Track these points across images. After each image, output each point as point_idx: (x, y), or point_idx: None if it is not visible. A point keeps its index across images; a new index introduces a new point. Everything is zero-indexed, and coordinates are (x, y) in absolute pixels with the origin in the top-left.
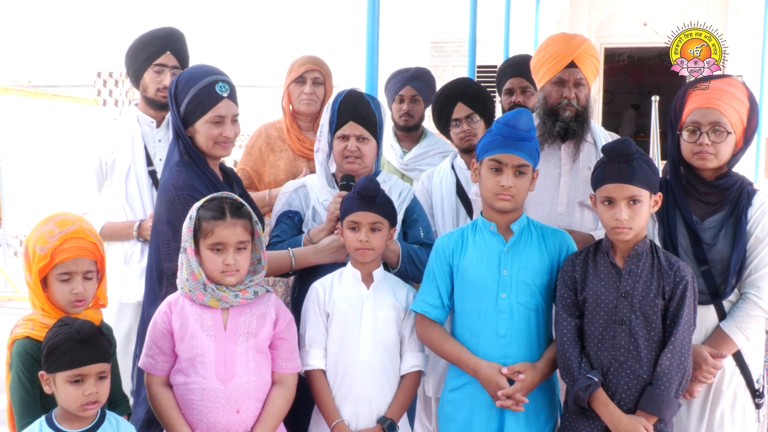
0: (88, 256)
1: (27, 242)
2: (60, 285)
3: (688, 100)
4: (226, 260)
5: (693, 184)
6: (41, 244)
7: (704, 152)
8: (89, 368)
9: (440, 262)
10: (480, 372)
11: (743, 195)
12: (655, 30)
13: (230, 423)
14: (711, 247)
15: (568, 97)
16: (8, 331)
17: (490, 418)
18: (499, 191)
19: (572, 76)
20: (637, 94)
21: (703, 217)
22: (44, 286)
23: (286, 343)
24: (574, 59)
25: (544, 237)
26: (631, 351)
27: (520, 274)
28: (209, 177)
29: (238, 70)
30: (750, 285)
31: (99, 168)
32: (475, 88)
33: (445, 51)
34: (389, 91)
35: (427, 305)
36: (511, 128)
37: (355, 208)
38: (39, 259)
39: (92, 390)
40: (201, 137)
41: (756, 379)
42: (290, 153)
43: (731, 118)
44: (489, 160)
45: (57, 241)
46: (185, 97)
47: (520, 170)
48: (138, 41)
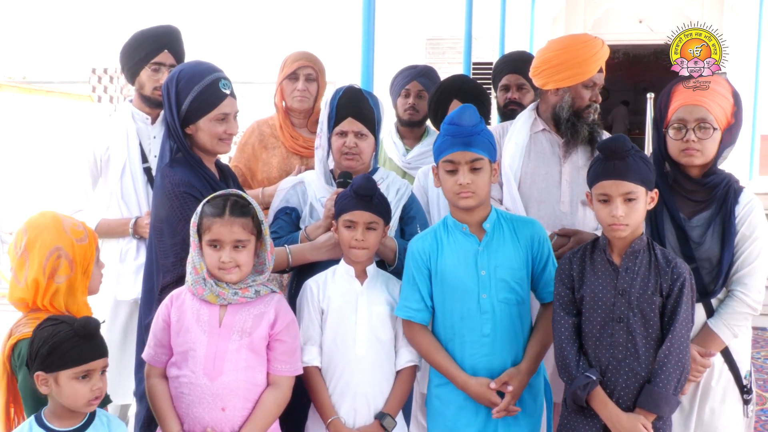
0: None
1: (59, 244)
2: (96, 268)
3: (673, 97)
4: (222, 257)
5: (680, 182)
6: (79, 236)
7: (691, 149)
8: (95, 363)
9: (418, 266)
10: (469, 389)
11: (730, 192)
12: (650, 27)
13: (215, 420)
14: (699, 245)
15: (597, 101)
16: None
17: (478, 412)
18: (459, 190)
19: (599, 80)
20: (632, 92)
21: (691, 215)
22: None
23: (284, 345)
24: (601, 65)
25: (516, 230)
26: (629, 349)
27: (498, 273)
28: (205, 174)
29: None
30: (737, 282)
31: (93, 164)
32: (471, 86)
33: (440, 48)
34: (395, 86)
35: (411, 310)
36: (457, 126)
37: (351, 207)
38: (87, 248)
39: (99, 385)
40: (204, 135)
41: (744, 375)
42: (283, 150)
43: (716, 115)
44: (443, 161)
45: (85, 228)
46: (188, 95)
47: (475, 165)
48: (135, 39)
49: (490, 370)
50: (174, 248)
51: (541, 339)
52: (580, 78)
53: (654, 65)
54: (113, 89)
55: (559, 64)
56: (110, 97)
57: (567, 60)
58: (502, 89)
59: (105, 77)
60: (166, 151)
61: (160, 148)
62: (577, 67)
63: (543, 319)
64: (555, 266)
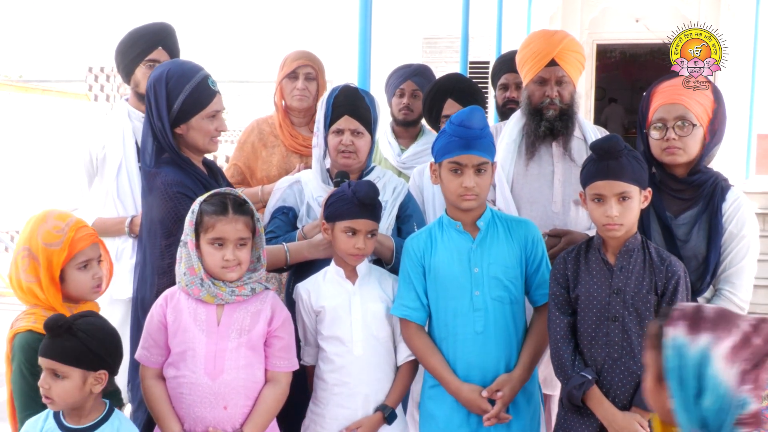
0: (97, 241)
1: (28, 244)
2: (80, 274)
3: (653, 98)
4: (225, 256)
5: (666, 182)
6: (51, 241)
7: (672, 147)
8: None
9: (413, 264)
10: (461, 395)
11: (717, 190)
12: (647, 26)
13: (217, 418)
14: (684, 243)
15: (551, 96)
16: (4, 326)
17: (471, 414)
18: (463, 192)
19: (554, 74)
20: (629, 91)
21: (677, 213)
22: (61, 281)
23: (281, 341)
24: (554, 57)
25: (510, 229)
26: (624, 348)
27: (490, 270)
28: (195, 173)
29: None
30: (725, 281)
31: (89, 163)
32: (466, 84)
33: (437, 47)
34: (390, 85)
35: (407, 309)
36: (466, 128)
37: (354, 215)
38: (56, 254)
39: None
40: (197, 133)
41: None
42: (283, 149)
43: (696, 111)
44: (449, 162)
45: (69, 233)
46: (179, 94)
47: (481, 168)
48: (129, 36)
49: (482, 369)
50: (169, 249)
51: (535, 345)
52: (531, 74)
53: (651, 64)
54: (110, 88)
55: (519, 60)
56: (107, 95)
57: (523, 57)
58: (501, 88)
59: (101, 76)
60: (148, 151)
61: (141, 149)
62: (529, 62)
63: (536, 324)
64: (549, 268)
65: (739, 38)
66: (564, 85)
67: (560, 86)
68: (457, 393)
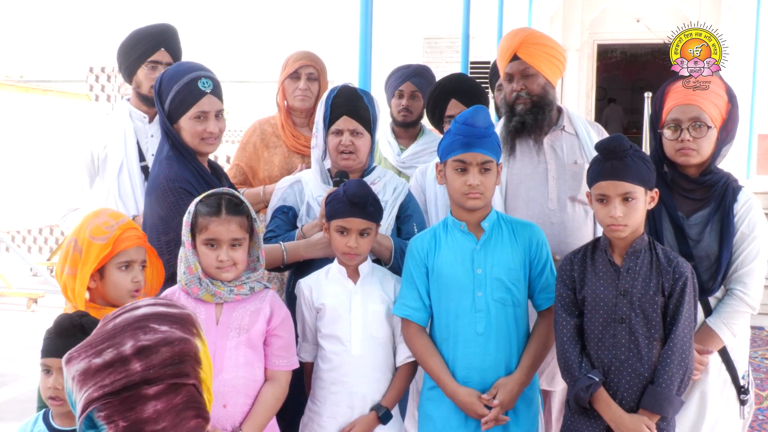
0: (144, 245)
1: (76, 236)
2: (120, 274)
3: (667, 98)
4: (219, 256)
5: (677, 182)
6: (99, 235)
7: (686, 148)
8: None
9: (416, 264)
10: (458, 398)
11: (729, 191)
12: (648, 26)
13: (216, 417)
14: (697, 243)
15: (516, 89)
16: (5, 326)
17: (469, 416)
18: (468, 191)
19: (516, 68)
20: (629, 91)
21: (689, 213)
22: (99, 278)
23: (280, 340)
24: (516, 52)
25: (515, 231)
26: (631, 349)
27: (494, 272)
28: (198, 170)
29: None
30: (736, 281)
31: (91, 163)
32: (469, 84)
33: (438, 47)
34: (389, 86)
35: (409, 309)
36: (471, 126)
37: (344, 213)
38: (99, 249)
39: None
40: (186, 134)
41: (741, 375)
42: (285, 149)
43: (711, 113)
44: (453, 161)
45: (117, 231)
46: (169, 94)
47: (485, 167)
48: (131, 37)
49: (482, 371)
50: (168, 245)
51: (536, 349)
52: (501, 73)
53: (651, 64)
54: (111, 88)
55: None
56: (108, 96)
57: (496, 59)
58: (500, 89)
59: (102, 76)
60: (164, 146)
61: (159, 144)
62: (499, 63)
63: (539, 328)
64: (553, 272)
65: (739, 38)
66: (531, 78)
67: (526, 79)
68: (453, 396)
